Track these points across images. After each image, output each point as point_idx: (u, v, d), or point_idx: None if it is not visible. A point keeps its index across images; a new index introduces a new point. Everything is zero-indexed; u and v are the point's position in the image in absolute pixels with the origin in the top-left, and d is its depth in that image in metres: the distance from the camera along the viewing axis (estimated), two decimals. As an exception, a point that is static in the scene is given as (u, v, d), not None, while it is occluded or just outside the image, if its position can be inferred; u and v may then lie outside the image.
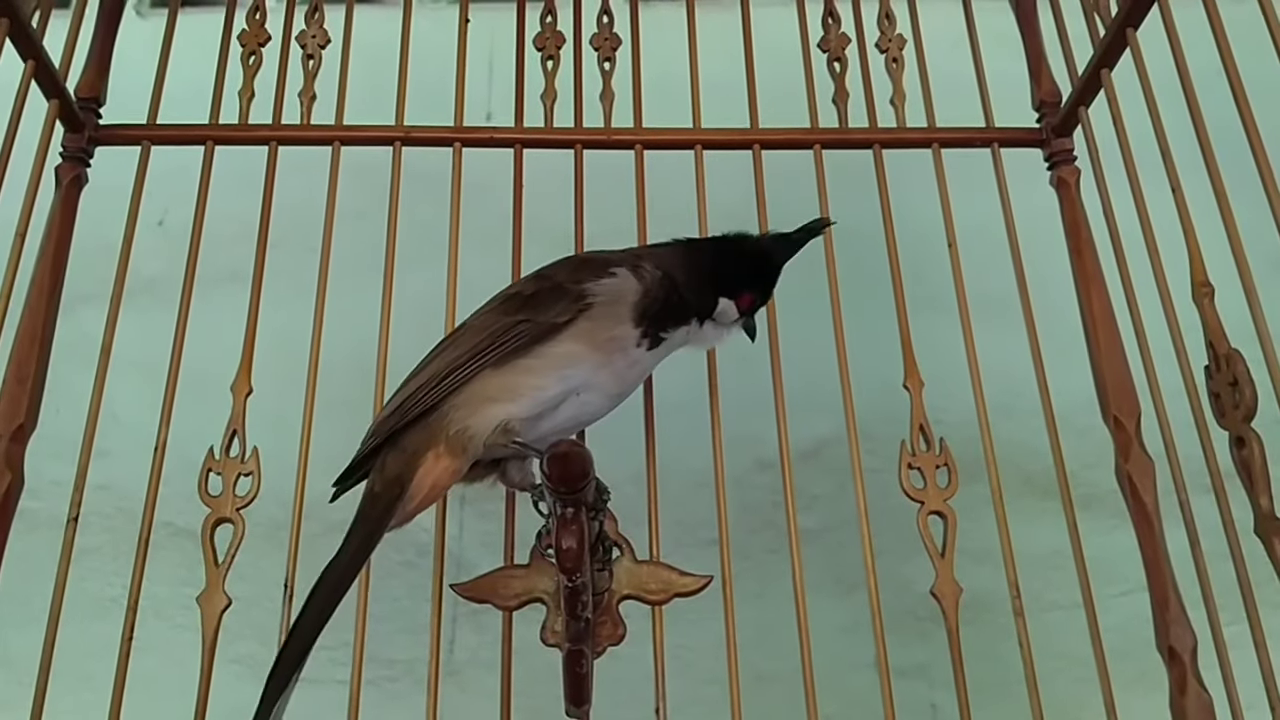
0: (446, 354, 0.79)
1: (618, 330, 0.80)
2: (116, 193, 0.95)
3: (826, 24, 1.07)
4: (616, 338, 0.79)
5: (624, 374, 0.81)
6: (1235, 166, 0.77)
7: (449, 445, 0.77)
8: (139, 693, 0.79)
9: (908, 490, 0.87)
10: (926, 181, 0.99)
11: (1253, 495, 0.75)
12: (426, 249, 0.96)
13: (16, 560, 0.83)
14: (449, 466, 0.77)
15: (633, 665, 0.81)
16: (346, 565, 0.74)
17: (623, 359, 0.80)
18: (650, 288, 0.81)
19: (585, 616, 0.75)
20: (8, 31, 0.85)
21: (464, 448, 0.77)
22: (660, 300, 0.82)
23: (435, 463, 0.77)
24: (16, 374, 0.87)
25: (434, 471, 0.77)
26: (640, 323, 0.80)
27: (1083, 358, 0.94)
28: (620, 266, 0.82)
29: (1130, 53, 0.88)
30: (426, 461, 0.76)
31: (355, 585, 0.81)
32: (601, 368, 0.79)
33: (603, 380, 0.79)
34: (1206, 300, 0.80)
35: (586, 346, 0.78)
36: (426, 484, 0.77)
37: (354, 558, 0.75)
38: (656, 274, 0.83)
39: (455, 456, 0.77)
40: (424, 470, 0.76)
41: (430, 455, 0.77)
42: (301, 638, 0.72)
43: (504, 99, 1.07)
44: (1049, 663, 0.83)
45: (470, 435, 0.76)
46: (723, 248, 0.88)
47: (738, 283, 0.86)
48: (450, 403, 0.77)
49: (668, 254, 0.87)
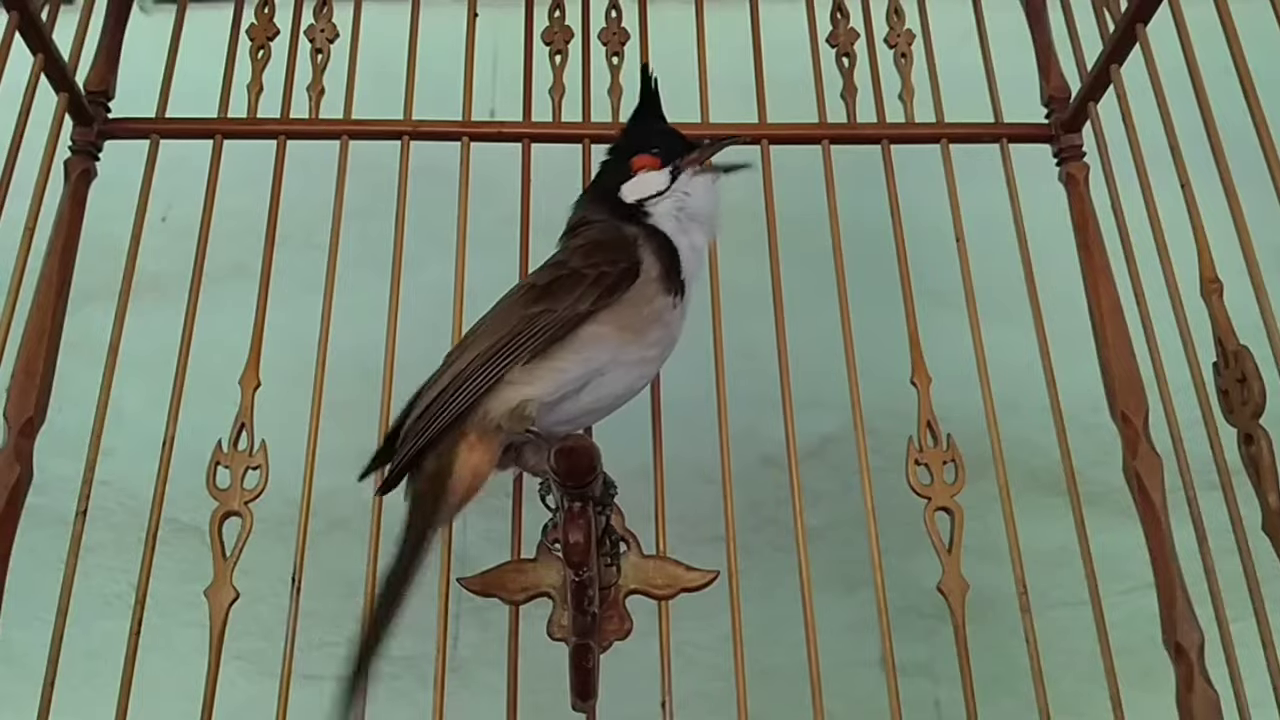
0: (469, 351, 0.78)
1: (655, 304, 0.80)
2: (121, 189, 0.95)
3: (835, 19, 1.07)
4: (655, 311, 0.80)
5: (660, 339, 0.81)
6: (1245, 162, 0.77)
7: (479, 433, 0.76)
8: (144, 689, 0.80)
9: (914, 486, 0.87)
10: (935, 177, 0.99)
11: (1261, 492, 0.75)
12: (433, 244, 0.96)
13: (23, 556, 0.83)
14: (484, 454, 0.76)
15: (638, 660, 0.81)
16: (403, 573, 0.73)
17: (658, 329, 0.80)
18: (658, 245, 0.82)
19: (591, 611, 0.75)
20: (17, 25, 0.85)
21: (492, 433, 0.76)
22: (665, 250, 0.82)
23: (470, 454, 0.76)
24: (25, 368, 0.87)
25: (470, 461, 0.76)
26: (670, 288, 0.81)
27: (1090, 354, 0.94)
28: (635, 244, 0.82)
29: (1140, 48, 0.88)
30: (461, 453, 0.76)
31: (360, 583, 0.82)
32: (629, 345, 0.78)
33: (630, 356, 0.79)
34: (1215, 296, 0.79)
35: (613, 328, 0.78)
36: (466, 475, 0.76)
37: (409, 564, 0.73)
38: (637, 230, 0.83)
39: (487, 443, 0.76)
40: (460, 463, 0.76)
41: (464, 446, 0.76)
42: (368, 650, 0.71)
43: (508, 95, 1.07)
44: (1054, 659, 0.83)
45: (492, 419, 0.76)
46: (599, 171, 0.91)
47: (621, 167, 0.88)
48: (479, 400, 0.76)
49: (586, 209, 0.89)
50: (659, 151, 0.88)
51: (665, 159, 0.88)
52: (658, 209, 0.86)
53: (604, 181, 0.90)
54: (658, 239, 0.84)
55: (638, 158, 0.88)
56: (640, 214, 0.86)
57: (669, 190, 0.87)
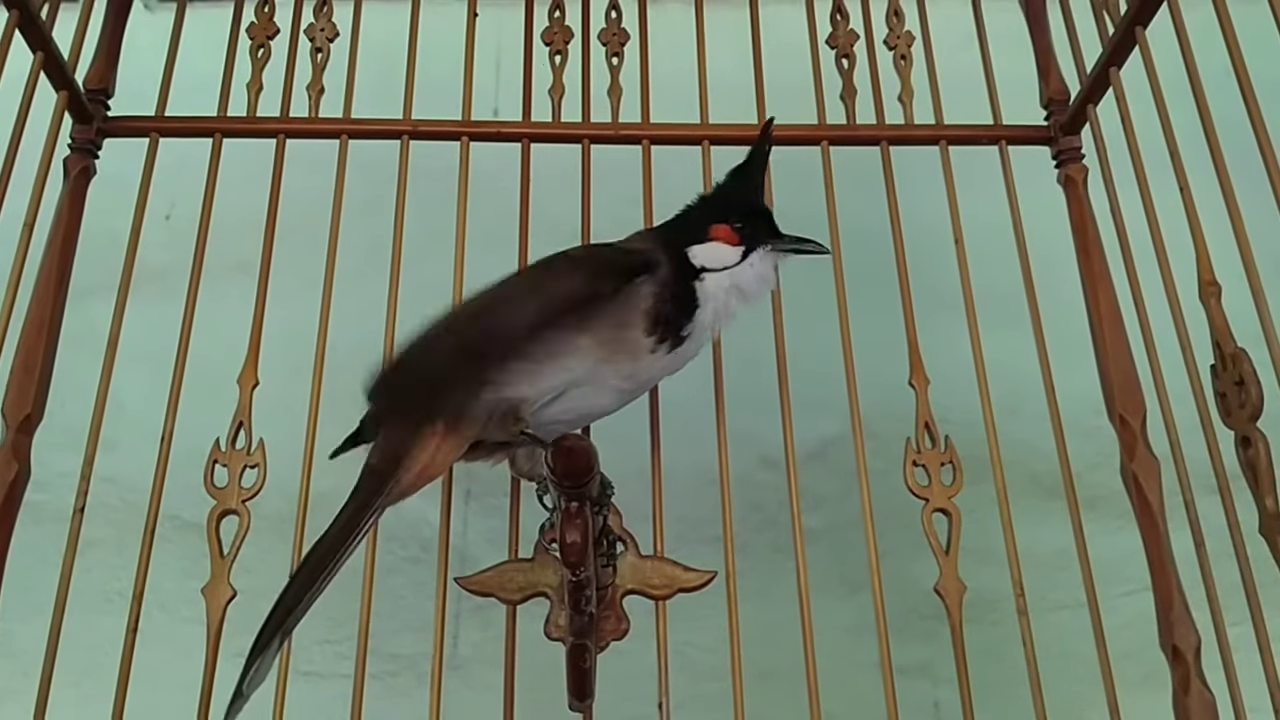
0: (454, 328, 0.76)
1: (628, 334, 0.78)
2: (124, 186, 0.95)
3: (835, 20, 1.07)
4: (625, 340, 0.78)
5: (635, 374, 0.80)
6: (1243, 166, 0.77)
7: (449, 424, 0.76)
8: (142, 685, 0.80)
9: (912, 487, 0.87)
10: (933, 179, 0.99)
11: (1258, 495, 0.75)
12: (433, 243, 0.96)
13: (22, 552, 0.83)
14: (447, 447, 0.76)
15: (636, 661, 0.81)
16: (334, 538, 0.73)
17: (629, 362, 0.79)
18: (661, 289, 0.80)
19: (589, 611, 0.75)
20: (16, 23, 0.85)
21: (463, 428, 0.76)
22: (670, 299, 0.80)
23: (433, 441, 0.76)
24: (24, 363, 0.87)
25: (430, 450, 0.76)
26: (653, 330, 0.79)
27: (1089, 358, 0.93)
28: (641, 275, 0.80)
29: (1139, 51, 0.88)
30: (425, 440, 0.76)
31: (360, 580, 0.82)
32: (605, 364, 0.78)
33: (605, 376, 0.79)
34: (1213, 299, 0.79)
35: (593, 341, 0.77)
36: (422, 462, 0.76)
37: (342, 531, 0.74)
38: (668, 271, 0.81)
39: (455, 436, 0.76)
40: (420, 448, 0.76)
41: (430, 433, 0.76)
42: (285, 609, 0.72)
43: (510, 95, 1.07)
44: (1053, 663, 0.83)
45: (470, 417, 0.75)
46: (678, 216, 0.88)
47: (702, 226, 0.85)
48: (453, 381, 0.75)
49: (645, 242, 0.86)
50: (741, 229, 0.84)
51: (746, 241, 0.84)
52: (712, 278, 0.83)
53: (678, 232, 0.86)
54: (679, 287, 0.81)
55: (720, 227, 0.84)
56: (698, 277, 0.83)
57: (735, 266, 0.84)
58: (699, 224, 0.85)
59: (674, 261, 0.82)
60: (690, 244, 0.84)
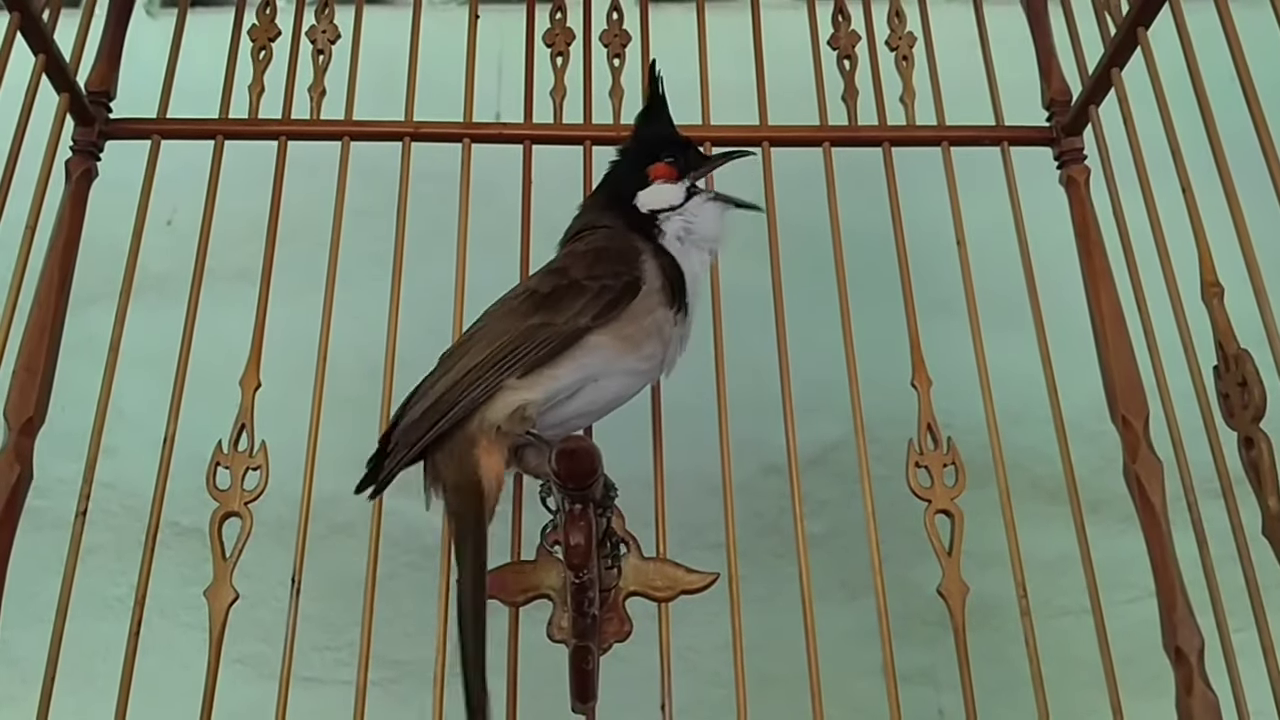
0: (466, 359, 0.78)
1: (655, 316, 0.80)
2: (125, 190, 0.95)
3: (836, 21, 1.07)
4: (655, 323, 0.79)
5: (655, 353, 0.81)
6: (1246, 166, 0.77)
7: (486, 437, 0.76)
8: (143, 691, 0.79)
9: (915, 489, 0.87)
10: (936, 180, 0.98)
11: (1261, 496, 0.74)
12: (435, 246, 0.96)
13: (22, 558, 0.83)
14: (499, 455, 0.77)
15: (639, 665, 0.81)
16: (473, 578, 0.73)
17: (654, 342, 0.80)
18: (664, 262, 0.82)
19: (591, 613, 0.75)
20: (18, 25, 0.85)
21: (498, 436, 0.76)
22: (672, 267, 0.82)
23: (488, 458, 0.76)
24: (26, 366, 0.87)
25: (491, 465, 0.76)
26: (671, 301, 0.81)
27: (1092, 361, 0.93)
28: (640, 257, 0.82)
29: (1141, 52, 0.88)
30: (480, 459, 0.76)
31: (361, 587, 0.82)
32: (625, 355, 0.78)
33: (624, 366, 0.79)
34: (1216, 300, 0.79)
35: (611, 338, 0.78)
36: (493, 478, 0.76)
37: (475, 574, 0.74)
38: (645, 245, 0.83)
39: (499, 445, 0.77)
40: (484, 468, 0.76)
41: (480, 452, 0.76)
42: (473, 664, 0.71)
43: (513, 99, 1.07)
44: (1057, 667, 0.83)
45: (493, 423, 0.76)
46: (610, 175, 0.90)
47: (637, 173, 0.87)
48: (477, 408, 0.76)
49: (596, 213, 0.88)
50: (675, 161, 0.87)
51: (681, 170, 0.87)
52: (668, 226, 0.86)
53: (617, 187, 0.89)
54: (665, 256, 0.83)
55: (656, 166, 0.87)
56: (653, 228, 0.85)
57: (681, 207, 0.86)
58: (633, 172, 0.88)
59: (629, 220, 0.85)
60: (635, 191, 0.86)
